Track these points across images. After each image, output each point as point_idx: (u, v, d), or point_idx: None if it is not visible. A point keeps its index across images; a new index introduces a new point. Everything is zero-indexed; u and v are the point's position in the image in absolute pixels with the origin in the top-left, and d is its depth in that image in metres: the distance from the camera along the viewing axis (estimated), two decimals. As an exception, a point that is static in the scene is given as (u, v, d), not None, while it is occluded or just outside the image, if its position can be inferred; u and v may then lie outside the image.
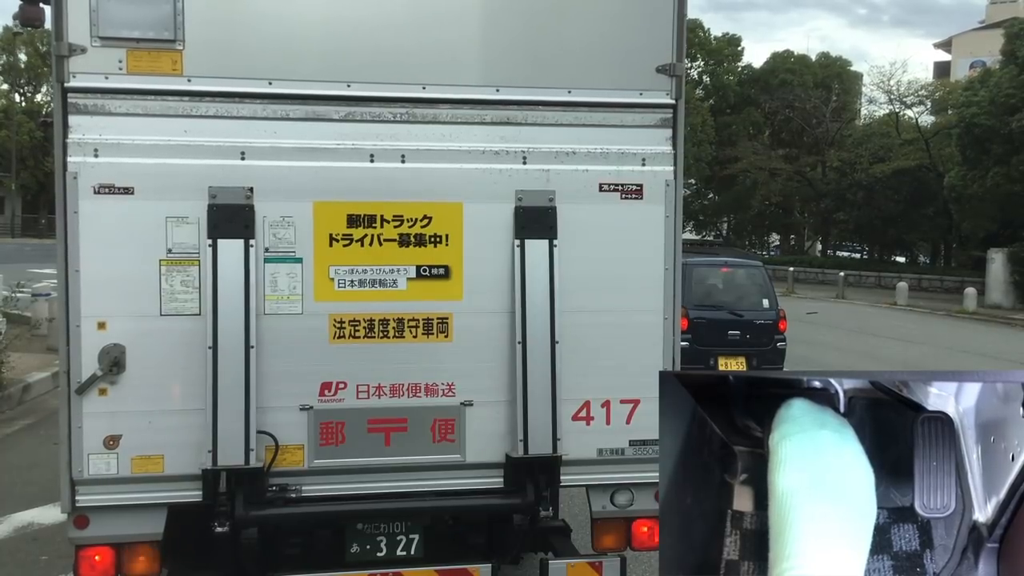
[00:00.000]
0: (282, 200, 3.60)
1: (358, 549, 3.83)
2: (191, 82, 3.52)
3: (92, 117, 3.47)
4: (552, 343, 3.75)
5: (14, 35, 46.83)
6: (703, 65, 44.76)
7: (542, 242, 3.76)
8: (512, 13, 3.76)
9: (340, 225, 3.65)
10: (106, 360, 3.47)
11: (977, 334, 19.88)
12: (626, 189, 3.85)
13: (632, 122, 3.85)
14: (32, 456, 7.44)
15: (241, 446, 3.49)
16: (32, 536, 5.57)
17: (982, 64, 37.17)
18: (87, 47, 3.45)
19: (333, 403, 3.67)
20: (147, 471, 3.53)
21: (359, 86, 3.64)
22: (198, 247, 3.53)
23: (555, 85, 3.76)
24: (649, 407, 3.86)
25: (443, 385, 3.76)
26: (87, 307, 3.47)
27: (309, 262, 3.63)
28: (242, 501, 3.50)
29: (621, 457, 3.90)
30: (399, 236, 3.69)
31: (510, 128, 3.76)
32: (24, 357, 10.61)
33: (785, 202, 42.56)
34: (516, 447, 3.74)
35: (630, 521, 3.98)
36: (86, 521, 3.55)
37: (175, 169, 3.50)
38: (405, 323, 3.71)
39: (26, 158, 48.39)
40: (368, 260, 3.68)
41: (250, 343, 3.52)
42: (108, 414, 3.49)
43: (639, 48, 3.82)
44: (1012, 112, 24.22)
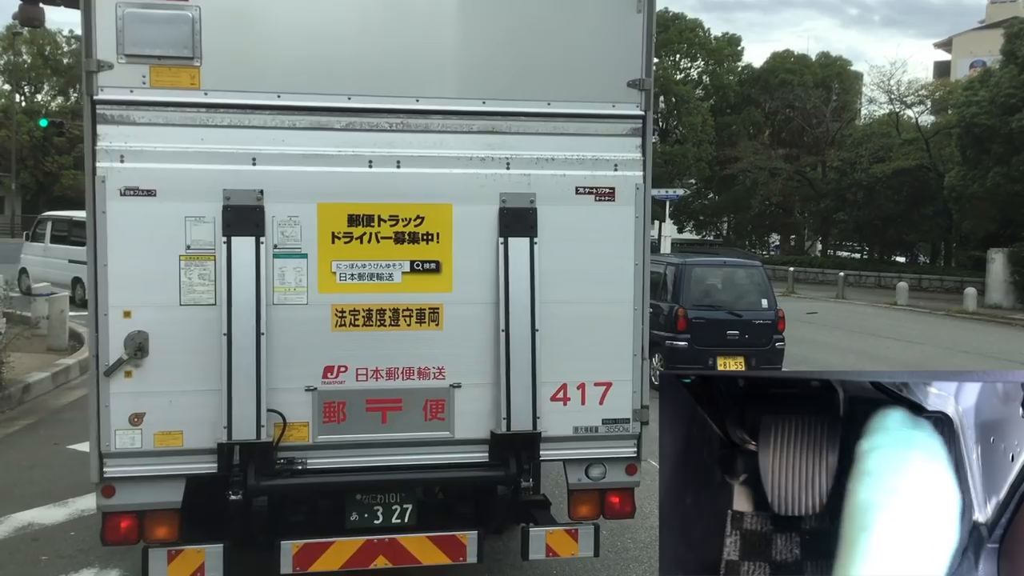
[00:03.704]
0: (289, 201, 4.00)
1: (357, 517, 4.25)
2: (207, 95, 3.92)
3: (118, 126, 3.86)
4: (532, 331, 4.16)
5: (14, 35, 46.79)
6: (703, 65, 44.74)
7: (524, 240, 4.17)
8: (496, 33, 4.16)
9: (341, 224, 4.05)
10: (131, 345, 3.87)
11: (977, 334, 19.88)
12: (600, 192, 4.26)
13: (605, 131, 4.25)
14: (32, 456, 7.43)
15: (253, 423, 3.90)
16: (32, 536, 5.57)
17: (982, 64, 37.16)
18: (114, 63, 3.84)
19: (335, 385, 4.08)
20: (168, 445, 3.93)
21: (359, 99, 4.04)
22: (214, 244, 3.93)
23: (536, 98, 4.18)
24: (621, 389, 4.32)
25: (434, 369, 4.17)
26: (114, 297, 3.87)
27: (313, 257, 4.04)
28: (254, 472, 3.90)
29: (595, 434, 4.32)
30: (395, 234, 4.09)
31: (495, 137, 4.17)
32: (24, 357, 10.61)
33: (785, 202, 42.51)
34: (500, 425, 4.16)
35: (603, 493, 4.41)
36: (112, 490, 3.93)
37: (193, 173, 3.90)
38: (400, 313, 4.13)
39: (26, 158, 48.40)
40: (367, 256, 4.07)
41: (261, 330, 3.93)
42: (133, 394, 3.89)
43: (611, 64, 4.23)
44: (1012, 112, 24.19)
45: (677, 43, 42.76)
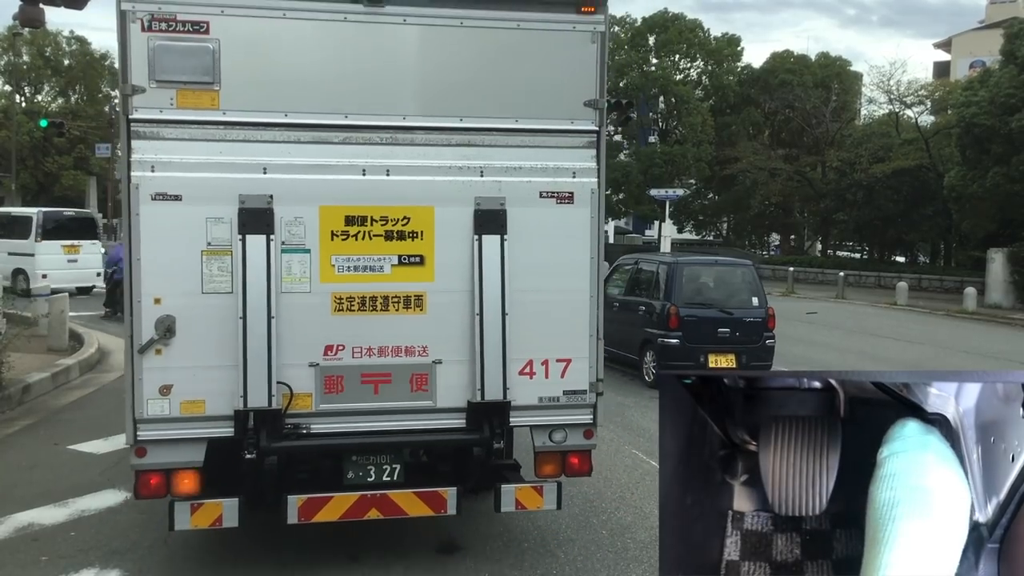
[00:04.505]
0: (295, 204, 4.65)
1: (353, 476, 4.89)
2: (225, 114, 4.57)
3: (150, 141, 4.51)
4: (503, 315, 4.84)
5: (15, 36, 46.72)
6: (703, 65, 44.67)
7: (495, 237, 4.83)
8: (471, 62, 4.84)
9: (339, 224, 4.71)
10: (161, 327, 4.52)
11: (977, 334, 19.87)
12: (560, 196, 4.93)
13: (565, 144, 4.92)
14: (32, 457, 7.42)
15: (265, 393, 4.56)
16: (32, 537, 5.56)
17: (982, 64, 37.14)
18: (146, 88, 4.49)
19: (334, 361, 4.74)
20: (192, 412, 4.57)
21: (354, 117, 4.71)
22: (231, 241, 4.57)
23: (505, 116, 4.85)
24: (579, 365, 5.01)
25: (419, 347, 4.84)
26: (146, 287, 4.52)
27: (316, 252, 4.69)
28: (265, 435, 4.54)
29: (557, 404, 5.01)
30: (385, 232, 4.76)
31: (470, 149, 4.83)
32: (24, 357, 10.61)
33: (785, 202, 42.49)
34: (475, 395, 4.84)
35: (565, 454, 5.09)
36: (144, 451, 4.55)
37: (213, 181, 4.55)
38: (389, 299, 4.80)
39: (26, 158, 48.32)
40: (361, 251, 4.74)
41: (271, 315, 4.59)
42: (162, 369, 4.53)
43: (570, 87, 4.89)
44: (1012, 112, 24.18)
45: (677, 43, 42.66)
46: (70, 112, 50.02)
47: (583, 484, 6.80)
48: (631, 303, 12.55)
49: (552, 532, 5.78)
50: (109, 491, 6.42)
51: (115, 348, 13.01)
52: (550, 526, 5.88)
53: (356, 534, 5.43)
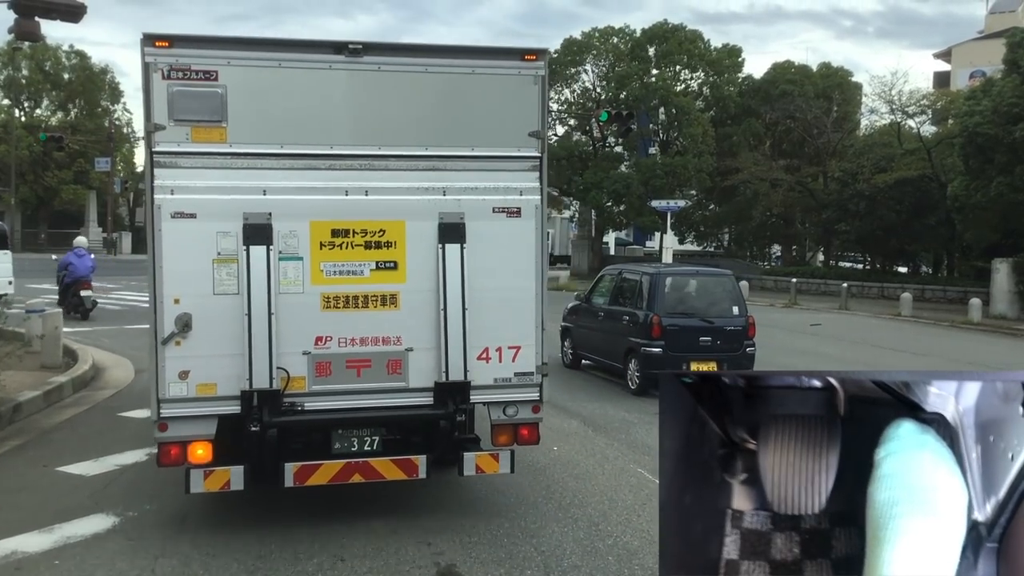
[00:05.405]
0: (290, 220, 5.63)
1: (339, 446, 5.84)
2: (232, 147, 5.55)
3: (170, 169, 5.48)
4: (463, 310, 5.81)
5: (14, 50, 46.76)
6: (703, 76, 44.61)
7: (456, 245, 5.82)
8: (434, 102, 5.86)
9: (327, 236, 5.71)
10: (180, 323, 5.49)
11: (982, 345, 19.68)
12: (510, 211, 5.95)
13: (513, 167, 5.95)
14: (20, 479, 7.19)
15: (267, 376, 5.53)
16: (15, 565, 5.34)
17: (982, 74, 37.10)
18: (166, 125, 5.46)
19: (323, 350, 5.72)
20: (206, 393, 5.52)
21: (338, 147, 5.71)
22: (237, 251, 5.55)
23: (463, 145, 5.87)
24: (527, 351, 6.01)
25: (393, 338, 5.81)
26: (167, 289, 5.48)
27: (307, 260, 5.67)
28: (267, 412, 5.49)
29: (509, 384, 6.00)
30: (364, 243, 5.76)
31: (435, 172, 5.83)
32: (17, 375, 10.41)
33: (786, 213, 42.36)
34: (441, 376, 5.82)
35: (517, 426, 6.08)
36: (166, 426, 5.50)
37: (222, 202, 5.54)
38: (369, 298, 5.78)
39: (25, 172, 48.30)
40: (345, 258, 5.73)
41: (271, 312, 5.55)
42: (181, 357, 5.50)
43: (517, 120, 5.94)
44: (1015, 121, 24.03)
45: (677, 54, 42.60)
46: (70, 126, 50.03)
47: (588, 505, 6.61)
48: (615, 312, 12.77)
49: (556, 558, 5.58)
50: (97, 516, 6.20)
51: (110, 364, 12.82)
52: (554, 551, 5.68)
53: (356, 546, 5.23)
